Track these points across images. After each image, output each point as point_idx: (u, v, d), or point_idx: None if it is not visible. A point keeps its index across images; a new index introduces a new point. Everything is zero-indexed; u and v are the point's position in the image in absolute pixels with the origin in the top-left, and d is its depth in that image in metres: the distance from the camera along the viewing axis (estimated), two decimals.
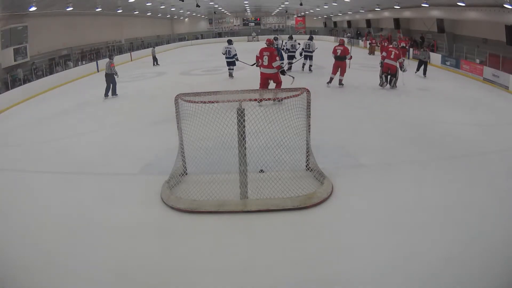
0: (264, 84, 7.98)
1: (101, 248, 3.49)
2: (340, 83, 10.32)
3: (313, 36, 15.25)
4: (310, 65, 13.16)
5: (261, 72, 8.05)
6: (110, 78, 10.53)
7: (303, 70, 13.17)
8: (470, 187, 4.42)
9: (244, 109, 3.99)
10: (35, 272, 3.18)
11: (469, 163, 5.17)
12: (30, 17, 13.71)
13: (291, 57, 13.20)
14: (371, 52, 19.79)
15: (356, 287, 2.91)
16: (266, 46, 8.11)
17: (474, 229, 3.56)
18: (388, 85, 10.16)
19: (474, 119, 7.21)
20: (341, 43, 10.25)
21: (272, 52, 7.92)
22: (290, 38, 13.42)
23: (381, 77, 10.26)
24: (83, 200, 4.45)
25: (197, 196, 4.17)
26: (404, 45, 15.79)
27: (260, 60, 8.03)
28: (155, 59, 18.64)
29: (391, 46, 10.54)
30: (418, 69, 12.50)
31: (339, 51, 10.04)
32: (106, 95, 10.66)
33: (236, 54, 12.19)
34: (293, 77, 8.23)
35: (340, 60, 10.07)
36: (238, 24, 38.41)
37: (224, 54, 12.27)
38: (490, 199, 4.12)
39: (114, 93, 10.79)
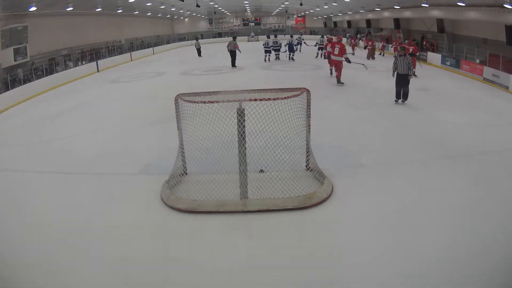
0: (332, 65, 11.30)
1: (101, 248, 3.49)
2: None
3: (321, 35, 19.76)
4: (324, 54, 15.23)
5: (331, 59, 11.03)
6: (234, 54, 15.02)
7: (316, 58, 17.20)
8: (470, 187, 4.42)
9: (244, 109, 3.99)
10: (35, 272, 3.18)
11: (469, 163, 5.17)
12: (30, 17, 13.72)
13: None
14: (371, 55, 17.21)
15: (356, 287, 2.91)
16: (336, 41, 11.09)
17: (474, 229, 3.56)
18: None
19: (474, 119, 7.20)
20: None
21: (342, 46, 10.62)
22: (275, 36, 18.79)
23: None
24: (83, 200, 4.45)
25: (197, 196, 4.17)
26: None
27: (331, 49, 10.84)
28: (199, 52, 21.28)
29: (400, 43, 12.12)
30: (397, 95, 8.30)
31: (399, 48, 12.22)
32: (233, 65, 15.13)
33: (271, 46, 16.84)
34: (364, 65, 11.41)
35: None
36: (238, 24, 38.42)
37: (263, 44, 17.13)
38: (490, 199, 4.12)
39: (233, 64, 15.13)
